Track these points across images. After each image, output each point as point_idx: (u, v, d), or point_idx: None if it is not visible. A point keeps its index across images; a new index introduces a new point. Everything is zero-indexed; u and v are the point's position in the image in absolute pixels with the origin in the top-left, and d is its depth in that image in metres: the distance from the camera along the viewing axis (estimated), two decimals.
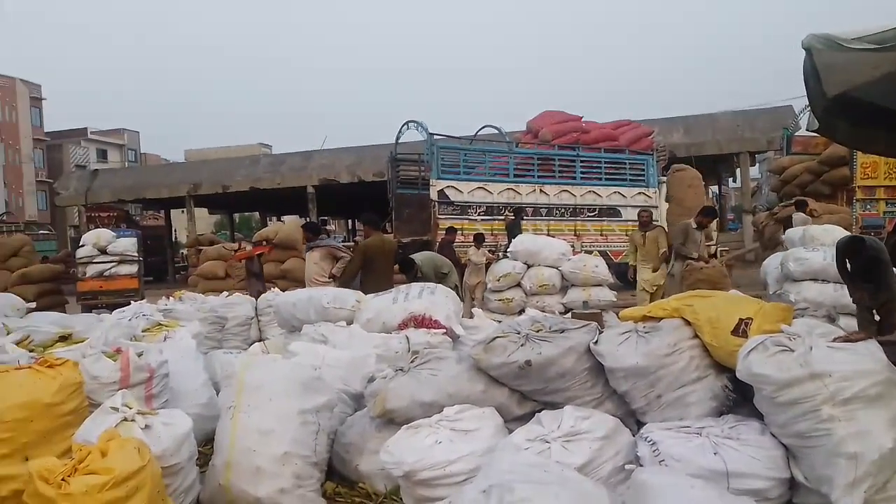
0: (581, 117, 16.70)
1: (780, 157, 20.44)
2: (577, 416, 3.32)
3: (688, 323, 3.45)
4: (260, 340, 7.50)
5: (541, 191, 14.26)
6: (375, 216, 8.56)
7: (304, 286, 8.09)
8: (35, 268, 13.28)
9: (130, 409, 3.27)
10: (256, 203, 33.36)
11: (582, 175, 14.82)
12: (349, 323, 5.66)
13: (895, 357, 3.71)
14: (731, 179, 32.92)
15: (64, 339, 4.79)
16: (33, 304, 8.80)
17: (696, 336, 3.39)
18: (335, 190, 25.73)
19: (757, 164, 32.55)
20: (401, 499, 3.49)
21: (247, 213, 44.70)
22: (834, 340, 3.10)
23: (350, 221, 40.65)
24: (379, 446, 3.59)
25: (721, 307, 3.43)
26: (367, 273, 7.67)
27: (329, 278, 7.86)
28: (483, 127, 16.68)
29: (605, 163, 15.16)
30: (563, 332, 3.61)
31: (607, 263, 11.10)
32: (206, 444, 4.06)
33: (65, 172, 43.11)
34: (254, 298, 8.41)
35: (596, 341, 3.51)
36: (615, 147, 15.71)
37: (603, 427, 3.26)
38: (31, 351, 4.39)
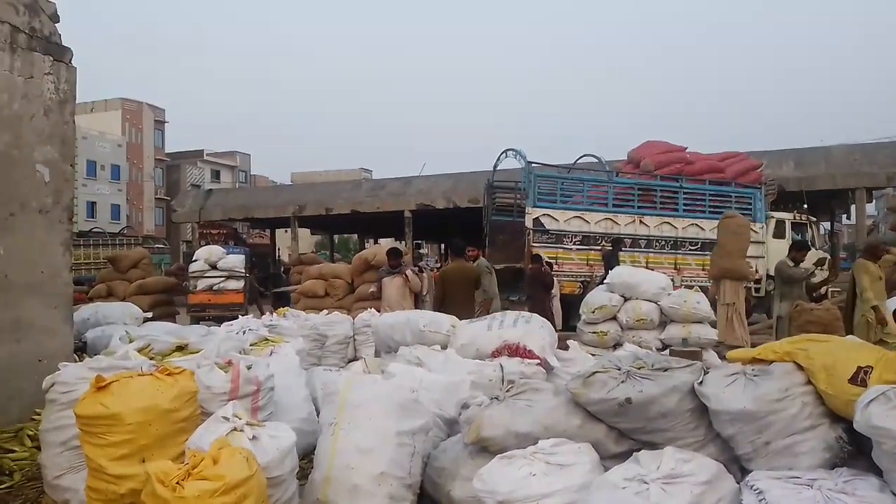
0: (685, 148, 16.33)
1: None
2: (678, 457, 3.21)
3: (800, 368, 3.28)
4: (355, 359, 7.71)
5: (640, 222, 13.98)
6: (460, 243, 8.68)
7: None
8: (151, 279, 14.20)
9: (240, 419, 3.45)
10: (356, 225, 34.41)
11: (685, 207, 14.43)
12: (443, 347, 5.74)
13: None
14: (844, 216, 31.01)
15: (180, 348, 5.11)
16: (150, 314, 9.44)
17: (810, 382, 3.22)
18: (431, 214, 26.19)
19: (874, 201, 30.58)
20: None
21: (346, 235, 46.10)
22: None
23: (442, 246, 41.11)
24: (472, 473, 3.60)
25: (838, 353, 3.24)
26: (446, 299, 7.77)
27: (414, 301, 8.00)
28: (582, 156, 16.63)
29: (710, 195, 14.70)
30: (666, 370, 3.52)
31: (709, 300, 10.67)
32: (303, 458, 4.20)
33: (181, 191, 46.05)
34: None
35: (701, 382, 3.39)
36: (721, 179, 15.21)
37: (705, 471, 3.13)
38: (151, 359, 4.71)
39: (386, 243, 27.05)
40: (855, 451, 3.12)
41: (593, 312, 9.52)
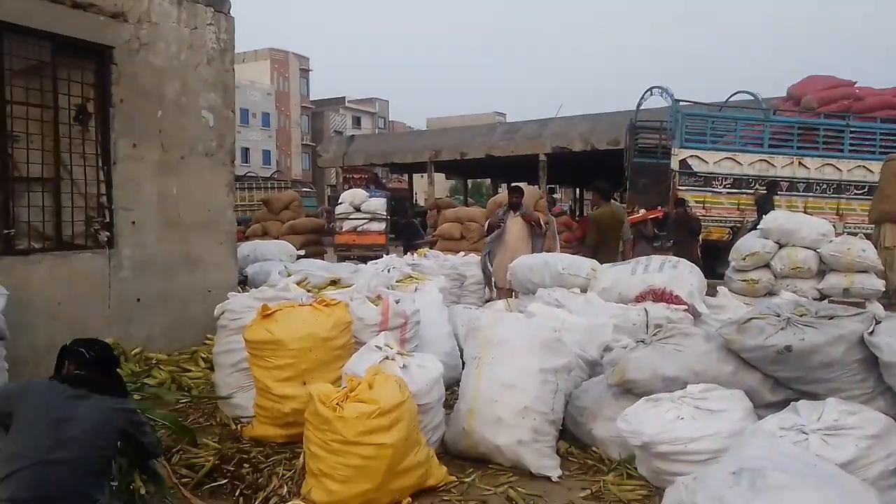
0: (854, 83, 14.72)
1: None
2: (842, 409, 3.03)
3: None
4: (490, 300, 7.83)
5: (800, 163, 12.87)
6: (607, 185, 8.38)
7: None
8: (302, 220, 15.03)
9: (391, 349, 3.64)
10: (490, 169, 34.39)
11: (851, 147, 13.10)
12: (583, 290, 5.69)
13: None
14: None
15: (334, 283, 5.42)
16: (301, 252, 10.07)
17: None
18: (567, 158, 25.59)
19: None
20: (635, 468, 3.48)
21: (479, 180, 46.31)
22: None
23: (577, 190, 40.24)
24: (614, 414, 3.60)
25: None
26: (598, 245, 7.61)
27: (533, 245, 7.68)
28: (735, 93, 15.44)
29: (882, 134, 13.23)
30: (832, 318, 3.29)
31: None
32: (446, 390, 4.36)
33: (325, 137, 48.04)
34: None
35: (872, 332, 3.15)
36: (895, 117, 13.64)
37: (873, 425, 2.93)
38: (308, 291, 5.04)
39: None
40: None
41: (744, 259, 9.00)
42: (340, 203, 15.03)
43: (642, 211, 13.32)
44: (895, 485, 2.73)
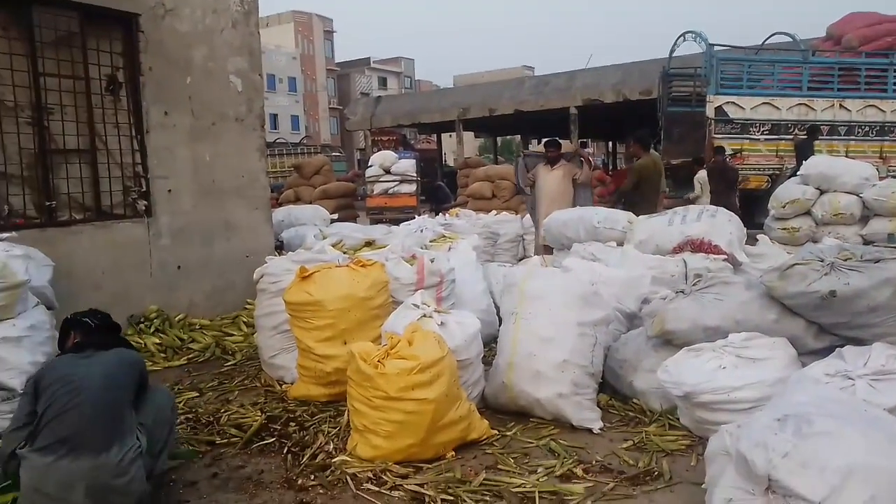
0: None
1: None
2: (890, 354, 2.97)
3: None
4: (524, 258, 7.81)
5: (841, 106, 12.42)
6: (647, 134, 8.21)
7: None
8: (333, 184, 15.11)
9: (429, 307, 3.66)
10: (520, 125, 33.93)
11: (895, 87, 12.60)
12: (618, 244, 5.63)
13: None
14: None
15: (368, 244, 5.46)
16: (335, 216, 10.14)
17: None
18: (598, 110, 25.11)
19: None
20: (677, 418, 3.48)
21: (508, 137, 45.82)
22: None
23: (610, 143, 39.57)
24: (654, 365, 3.59)
25: None
26: (638, 194, 7.49)
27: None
28: (772, 35, 14.84)
29: None
30: (877, 262, 3.21)
31: None
32: (484, 346, 4.39)
33: (352, 99, 47.86)
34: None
35: None
36: None
37: None
38: (344, 253, 5.08)
39: None
40: None
41: (784, 207, 8.81)
42: (371, 166, 15.04)
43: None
44: None
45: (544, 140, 8.40)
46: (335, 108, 59.62)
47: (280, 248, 7.94)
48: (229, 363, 5.08)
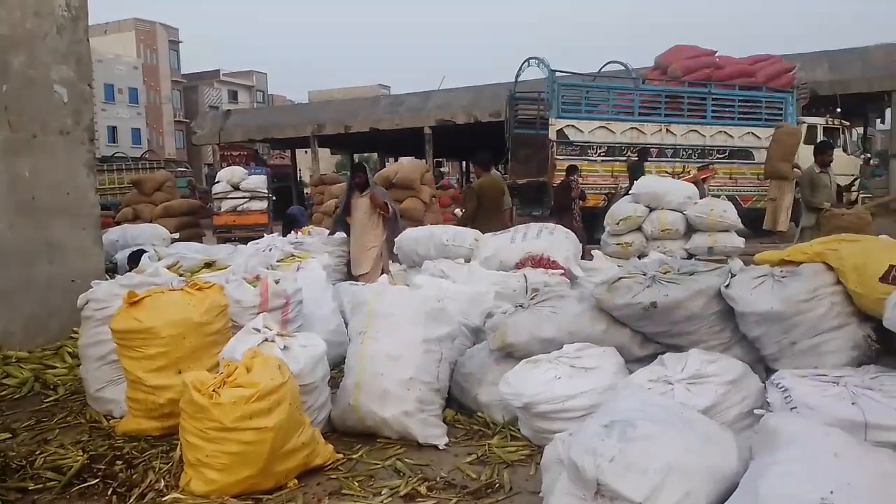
0: (715, 52, 15.67)
1: None
2: (703, 359, 3.24)
3: (830, 268, 3.24)
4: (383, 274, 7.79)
5: (667, 130, 13.62)
6: (487, 156, 8.53)
7: (421, 224, 8.24)
8: (176, 202, 14.30)
9: (270, 330, 3.53)
10: (376, 143, 34.06)
11: (713, 114, 13.99)
12: (467, 261, 5.78)
13: None
14: (878, 121, 29.88)
15: (208, 265, 5.20)
16: (176, 235, 9.59)
17: (839, 282, 3.18)
18: (451, 130, 25.79)
19: None
20: (518, 429, 3.59)
21: (366, 154, 45.86)
22: None
23: (465, 163, 40.72)
24: (497, 378, 3.69)
25: (869, 252, 3.18)
26: (480, 213, 7.74)
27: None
28: (608, 63, 16.03)
29: (740, 101, 14.22)
30: (692, 274, 3.50)
31: (736, 209, 10.54)
32: (333, 368, 4.30)
33: (200, 113, 45.76)
34: None
35: (728, 285, 3.38)
36: (751, 84, 14.67)
37: (730, 371, 3.17)
38: (180, 275, 4.80)
39: (407, 161, 26.76)
40: (883, 350, 3.12)
41: (618, 224, 9.44)
42: (218, 182, 14.42)
43: (693, 171, 13.87)
44: (750, 425, 2.95)
45: (353, 164, 8.19)
46: (181, 121, 56.70)
47: (113, 270, 7.38)
48: (50, 399, 4.61)
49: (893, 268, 3.05)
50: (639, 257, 8.48)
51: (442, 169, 39.20)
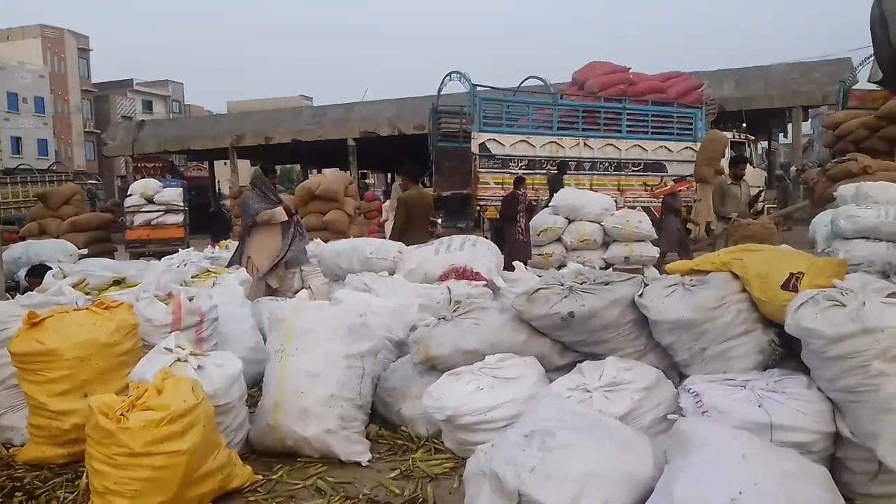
0: (629, 69, 16.24)
1: (835, 112, 19.62)
2: (619, 366, 3.33)
3: (736, 277, 3.39)
4: (302, 290, 7.65)
5: (585, 144, 13.99)
6: (415, 168, 8.55)
7: (346, 237, 8.15)
8: (85, 216, 13.65)
9: (184, 350, 3.39)
10: (298, 155, 33.60)
11: (628, 128, 14.49)
12: (391, 273, 5.75)
13: None
14: (781, 135, 31.79)
15: (118, 283, 4.96)
16: (85, 251, 9.14)
17: (745, 290, 3.34)
18: (375, 143, 25.74)
19: (810, 119, 31.39)
20: (442, 442, 3.58)
21: (288, 165, 45.10)
22: (888, 296, 3.02)
23: (389, 175, 40.67)
24: (421, 392, 3.67)
25: (772, 261, 3.36)
26: (406, 225, 7.74)
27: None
28: (527, 78, 16.35)
29: (652, 116, 14.78)
30: (607, 284, 3.60)
31: (651, 219, 10.95)
32: (252, 386, 4.19)
33: (112, 123, 43.91)
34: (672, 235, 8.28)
35: (641, 294, 3.48)
36: (663, 100, 15.28)
37: (645, 378, 3.26)
38: (87, 294, 4.56)
39: (330, 173, 26.43)
40: (786, 353, 3.28)
41: (539, 235, 9.64)
42: (130, 195, 13.84)
43: (671, 183, 14.33)
44: (664, 430, 3.04)
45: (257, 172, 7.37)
46: (92, 132, 54.18)
47: (16, 289, 6.96)
48: None
49: (794, 276, 3.23)
50: (559, 267, 8.69)
51: (367, 181, 39.03)
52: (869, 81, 6.87)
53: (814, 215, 9.64)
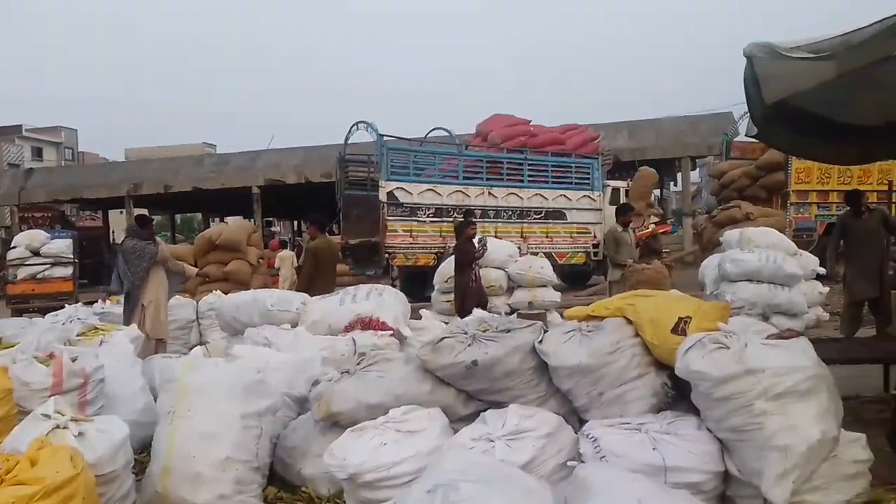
0: (529, 121, 16.91)
1: (720, 162, 21.09)
2: (522, 414, 3.35)
3: (630, 322, 3.51)
4: (201, 344, 7.33)
5: (489, 193, 14.37)
6: (322, 217, 8.49)
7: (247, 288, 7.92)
8: None
9: (63, 416, 3.15)
10: (199, 204, 32.63)
11: (529, 178, 15.01)
12: (294, 326, 5.59)
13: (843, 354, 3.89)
14: (672, 183, 33.76)
15: None
16: None
17: (638, 335, 3.46)
18: (281, 191, 25.38)
19: (698, 169, 33.57)
20: (344, 501, 3.45)
21: (189, 214, 43.64)
22: (768, 338, 3.21)
23: (296, 223, 40.07)
24: (323, 449, 3.54)
25: (662, 306, 3.51)
26: (314, 274, 7.62)
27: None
28: (433, 129, 16.71)
29: (552, 166, 15.41)
30: (509, 331, 3.64)
31: (552, 265, 11.28)
32: (141, 451, 3.93)
33: None
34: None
35: (541, 340, 3.54)
36: (562, 151, 15.96)
37: (546, 425, 3.29)
38: None
39: (233, 221, 25.77)
40: (678, 395, 3.41)
41: (446, 282, 9.70)
42: (14, 247, 12.96)
43: (652, 226, 14.43)
44: (565, 476, 3.07)
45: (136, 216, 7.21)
46: None
47: None
48: None
49: (682, 320, 3.38)
50: None
51: (273, 228, 38.26)
52: (746, 136, 7.50)
53: (703, 259, 10.22)
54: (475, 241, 8.58)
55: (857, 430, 3.21)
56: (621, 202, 15.17)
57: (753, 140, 18.22)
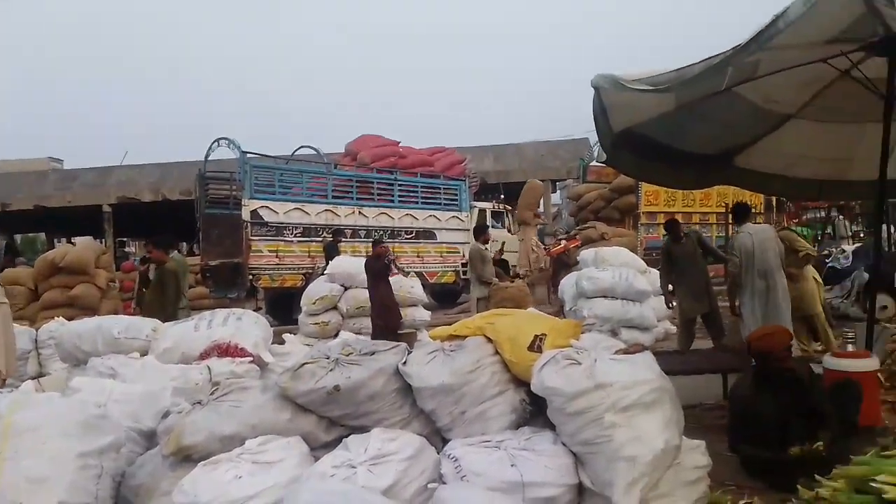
0: (399, 142, 17.06)
1: (578, 185, 22.30)
2: (384, 437, 3.30)
3: (490, 340, 3.58)
4: (40, 377, 6.69)
5: (360, 213, 14.31)
6: (165, 237, 8.02)
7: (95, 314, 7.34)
8: None
9: None
10: (43, 223, 30.04)
11: (400, 198, 15.11)
12: (143, 354, 5.23)
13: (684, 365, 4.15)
14: None
15: None
16: None
17: (497, 352, 3.53)
18: (136, 209, 23.90)
19: (558, 191, 35.29)
20: None
21: (31, 235, 40.06)
22: (616, 353, 3.38)
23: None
24: (173, 486, 3.31)
25: (519, 324, 3.61)
26: (165, 299, 7.19)
27: None
28: (300, 147, 16.43)
29: (422, 187, 15.61)
30: (373, 354, 3.59)
31: (423, 284, 11.39)
32: None
33: None
34: None
35: (405, 362, 3.53)
36: (430, 172, 16.22)
37: (409, 447, 3.26)
38: None
39: (81, 242, 23.79)
40: (536, 411, 3.50)
41: (314, 303, 9.53)
42: None
43: (563, 242, 15.17)
44: (427, 498, 3.05)
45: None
46: None
47: None
48: None
49: (538, 337, 3.49)
50: (336, 335, 8.61)
51: (126, 249, 35.86)
52: (597, 161, 8.03)
53: (562, 277, 10.69)
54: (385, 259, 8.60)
55: (698, 436, 3.46)
56: (492, 224, 15.80)
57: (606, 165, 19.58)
